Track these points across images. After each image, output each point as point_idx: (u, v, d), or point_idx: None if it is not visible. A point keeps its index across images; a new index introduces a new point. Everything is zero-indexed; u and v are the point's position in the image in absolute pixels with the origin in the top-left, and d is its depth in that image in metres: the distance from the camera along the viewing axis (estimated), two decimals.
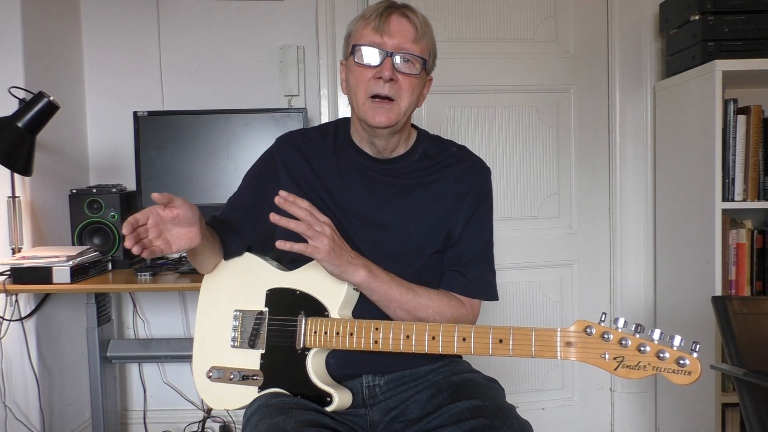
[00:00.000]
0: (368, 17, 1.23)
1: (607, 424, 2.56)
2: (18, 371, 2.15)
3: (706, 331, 2.00)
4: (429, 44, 1.25)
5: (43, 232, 2.20)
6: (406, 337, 1.13)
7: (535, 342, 1.03)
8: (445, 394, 1.22)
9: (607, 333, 0.98)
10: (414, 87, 1.23)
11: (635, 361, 0.96)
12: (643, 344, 0.96)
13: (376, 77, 1.20)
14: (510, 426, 1.11)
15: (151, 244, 1.15)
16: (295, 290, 1.24)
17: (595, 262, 2.54)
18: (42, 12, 2.20)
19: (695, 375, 0.93)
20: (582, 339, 1.00)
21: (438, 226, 1.28)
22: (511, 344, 1.05)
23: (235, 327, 1.29)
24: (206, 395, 1.31)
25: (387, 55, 1.20)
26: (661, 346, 0.95)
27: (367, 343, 1.15)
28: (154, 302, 2.52)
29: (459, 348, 1.10)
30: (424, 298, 1.24)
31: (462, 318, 1.29)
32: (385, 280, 1.20)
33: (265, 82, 2.47)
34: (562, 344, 1.01)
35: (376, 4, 1.25)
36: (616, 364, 0.97)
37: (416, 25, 1.22)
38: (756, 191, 2.03)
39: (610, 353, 0.97)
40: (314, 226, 1.13)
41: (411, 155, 1.32)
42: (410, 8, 1.25)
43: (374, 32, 1.21)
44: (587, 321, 1.00)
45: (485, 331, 1.08)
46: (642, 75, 2.47)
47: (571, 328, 1.01)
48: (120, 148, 2.45)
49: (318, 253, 1.13)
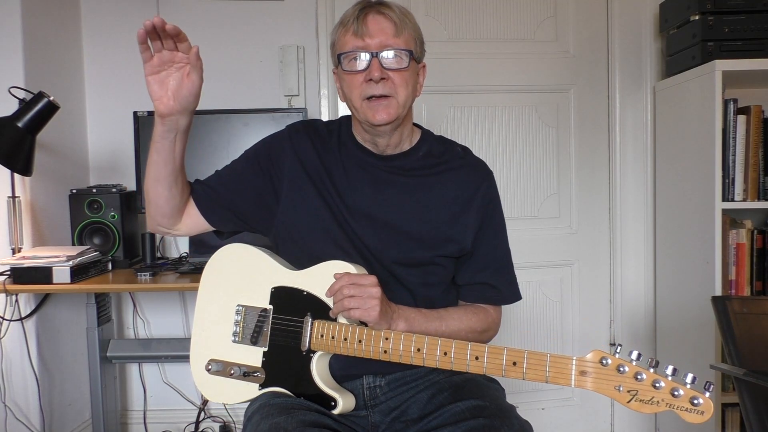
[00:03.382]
0: (346, 23, 1.22)
1: (607, 424, 2.56)
2: (18, 371, 2.15)
3: (706, 331, 2.01)
4: (412, 33, 1.24)
5: (43, 232, 2.20)
6: (416, 350, 1.12)
7: (550, 368, 1.03)
8: (445, 393, 1.22)
9: (623, 366, 0.99)
10: (407, 80, 1.22)
11: (649, 396, 0.97)
12: (657, 380, 0.96)
13: (367, 80, 1.20)
14: (510, 426, 1.11)
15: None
16: (302, 290, 1.23)
17: (595, 262, 2.54)
18: (42, 12, 2.20)
19: (707, 415, 0.95)
20: (597, 369, 1.00)
21: (442, 227, 1.28)
22: (525, 367, 1.05)
23: (236, 322, 1.28)
24: (204, 388, 1.30)
25: (373, 56, 1.19)
26: (676, 384, 0.96)
27: (376, 352, 1.14)
28: (154, 302, 2.52)
29: (471, 366, 1.09)
30: (455, 322, 1.25)
31: (491, 326, 1.32)
32: (420, 324, 1.20)
33: (265, 82, 2.47)
34: (577, 373, 1.01)
35: (351, 8, 1.24)
36: (629, 397, 0.98)
37: (394, 20, 1.21)
38: (756, 191, 2.03)
39: (625, 386, 0.98)
40: (362, 294, 1.12)
41: (415, 152, 1.32)
42: (384, 4, 1.24)
43: (355, 36, 1.20)
44: (603, 351, 1.01)
45: (499, 351, 1.07)
46: (642, 75, 2.47)
47: (587, 357, 1.01)
48: (120, 148, 2.45)
49: (369, 317, 1.13)
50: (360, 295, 1.12)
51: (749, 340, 1.46)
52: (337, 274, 1.16)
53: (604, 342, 2.56)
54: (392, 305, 1.18)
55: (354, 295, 1.12)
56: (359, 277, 1.15)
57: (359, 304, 1.12)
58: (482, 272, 1.31)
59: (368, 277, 1.15)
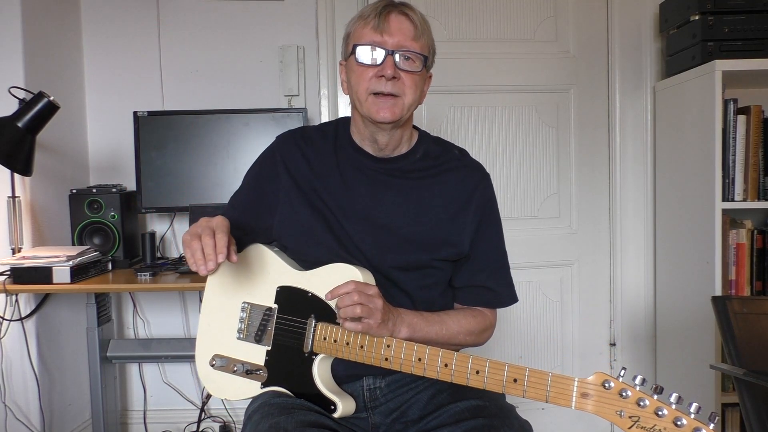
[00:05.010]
0: (367, 17, 1.23)
1: (607, 424, 2.56)
2: (18, 371, 2.15)
3: (706, 331, 2.01)
4: (428, 41, 1.26)
5: (43, 232, 2.20)
6: (417, 360, 1.12)
7: (551, 387, 1.02)
8: (445, 394, 1.22)
9: (626, 390, 0.97)
10: (416, 84, 1.23)
11: (651, 423, 0.95)
12: (660, 408, 0.94)
13: (378, 75, 1.20)
14: (510, 426, 1.11)
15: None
16: (307, 292, 1.23)
17: (595, 262, 2.54)
18: (42, 12, 2.20)
19: None
20: (599, 392, 0.99)
21: (439, 229, 1.27)
22: (525, 385, 1.04)
23: (242, 319, 1.29)
24: (208, 382, 1.31)
25: (388, 54, 1.20)
26: (679, 413, 0.94)
27: (377, 358, 1.14)
28: (154, 302, 2.52)
29: (472, 380, 1.08)
30: (454, 325, 1.25)
31: (488, 327, 1.32)
32: (422, 328, 1.20)
33: (265, 82, 2.47)
34: (578, 394, 1.00)
35: (374, 4, 1.25)
36: (631, 423, 0.96)
37: (416, 23, 1.22)
38: (756, 191, 2.03)
39: (627, 411, 0.96)
40: (368, 304, 1.12)
41: (413, 154, 1.32)
42: (408, 6, 1.25)
43: (374, 31, 1.21)
44: (606, 374, 0.99)
45: (500, 367, 1.06)
46: (642, 75, 2.47)
47: (589, 379, 1.00)
48: (120, 148, 2.45)
49: (371, 330, 1.13)
50: (367, 304, 1.12)
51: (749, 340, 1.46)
52: (340, 287, 1.15)
53: (604, 342, 2.56)
54: (394, 311, 1.18)
55: (363, 304, 1.12)
56: (364, 286, 1.15)
57: (367, 313, 1.11)
58: (479, 275, 1.31)
59: (371, 287, 1.15)
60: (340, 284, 1.15)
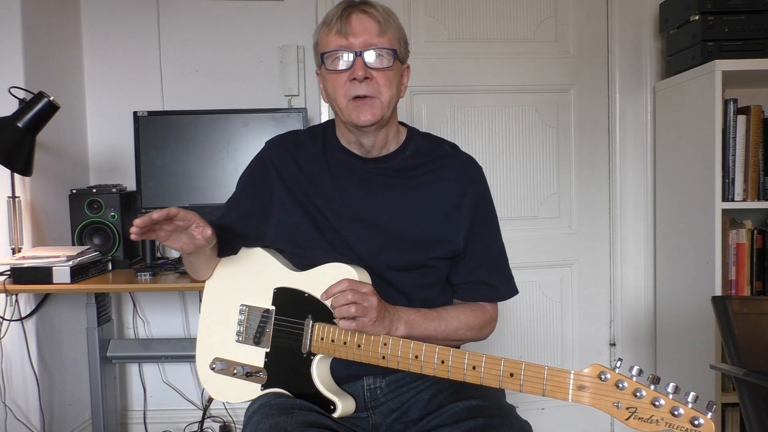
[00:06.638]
0: (329, 22, 1.22)
1: (607, 424, 2.56)
2: (18, 371, 2.15)
3: (706, 331, 2.01)
4: (396, 33, 1.24)
5: (43, 232, 2.20)
6: (414, 357, 1.12)
7: (547, 381, 1.02)
8: (445, 393, 1.22)
9: (622, 381, 0.97)
10: (391, 80, 1.22)
11: (648, 414, 0.95)
12: (657, 398, 0.94)
13: (351, 79, 1.19)
14: (510, 426, 1.11)
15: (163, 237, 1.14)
16: (303, 292, 1.23)
17: (595, 262, 2.54)
18: (42, 12, 2.20)
19: None
20: (596, 384, 0.98)
21: (434, 227, 1.26)
22: (522, 380, 1.04)
23: (240, 321, 1.29)
24: (208, 385, 1.31)
25: (356, 55, 1.19)
26: (676, 403, 0.93)
27: (375, 357, 1.14)
28: (154, 302, 2.52)
29: (468, 376, 1.08)
30: (453, 320, 1.24)
31: (489, 322, 1.31)
32: (420, 325, 1.20)
33: (265, 82, 2.47)
34: (575, 387, 1.00)
35: (335, 7, 1.23)
36: (628, 414, 0.96)
37: (378, 19, 1.21)
38: (756, 191, 2.03)
39: (624, 403, 0.96)
40: (363, 302, 1.12)
41: (402, 152, 1.30)
42: (368, 3, 1.23)
43: (338, 36, 1.20)
44: (602, 366, 0.99)
45: (497, 362, 1.06)
46: (642, 75, 2.47)
47: (585, 371, 0.99)
48: (120, 148, 2.45)
49: (366, 328, 1.13)
50: (361, 303, 1.12)
51: (749, 340, 1.46)
52: (334, 286, 1.15)
53: (604, 342, 2.56)
54: (390, 308, 1.18)
55: (357, 302, 1.12)
56: (358, 284, 1.15)
57: (361, 311, 1.11)
58: (477, 270, 1.30)
59: (365, 285, 1.15)
60: (335, 283, 1.15)
